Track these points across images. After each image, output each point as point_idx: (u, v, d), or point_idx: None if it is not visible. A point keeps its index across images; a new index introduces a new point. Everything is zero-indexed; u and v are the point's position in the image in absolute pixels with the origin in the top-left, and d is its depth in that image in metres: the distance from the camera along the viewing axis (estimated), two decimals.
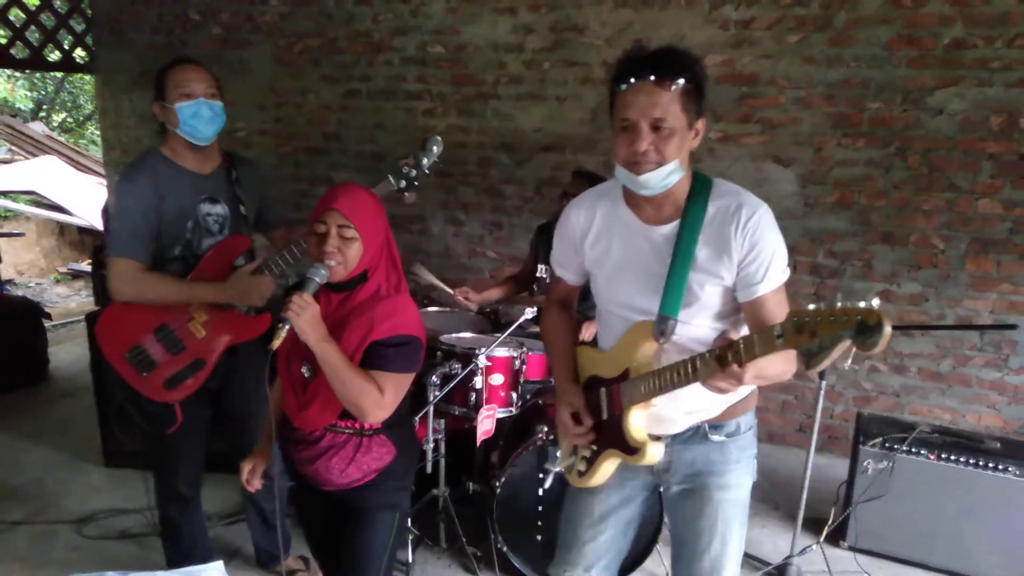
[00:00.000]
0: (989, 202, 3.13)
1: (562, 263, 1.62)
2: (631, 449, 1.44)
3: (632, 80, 1.30)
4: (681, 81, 1.29)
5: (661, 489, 1.62)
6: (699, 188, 1.40)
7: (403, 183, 1.96)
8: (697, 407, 1.45)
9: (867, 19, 3.13)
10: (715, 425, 1.48)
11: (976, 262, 3.19)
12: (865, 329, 0.95)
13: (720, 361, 1.17)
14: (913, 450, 2.56)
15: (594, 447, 1.53)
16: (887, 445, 2.59)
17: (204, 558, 2.20)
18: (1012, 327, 2.81)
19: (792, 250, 3.40)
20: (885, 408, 3.41)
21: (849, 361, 2.76)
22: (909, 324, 3.28)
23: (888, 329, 0.94)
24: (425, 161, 1.95)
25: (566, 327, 1.67)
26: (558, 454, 1.70)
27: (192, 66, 1.96)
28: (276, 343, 1.43)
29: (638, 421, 1.43)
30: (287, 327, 1.43)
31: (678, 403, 1.43)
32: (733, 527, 1.51)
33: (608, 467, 1.52)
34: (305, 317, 1.43)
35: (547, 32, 3.63)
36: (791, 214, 3.39)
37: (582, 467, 1.57)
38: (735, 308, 1.41)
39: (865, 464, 2.61)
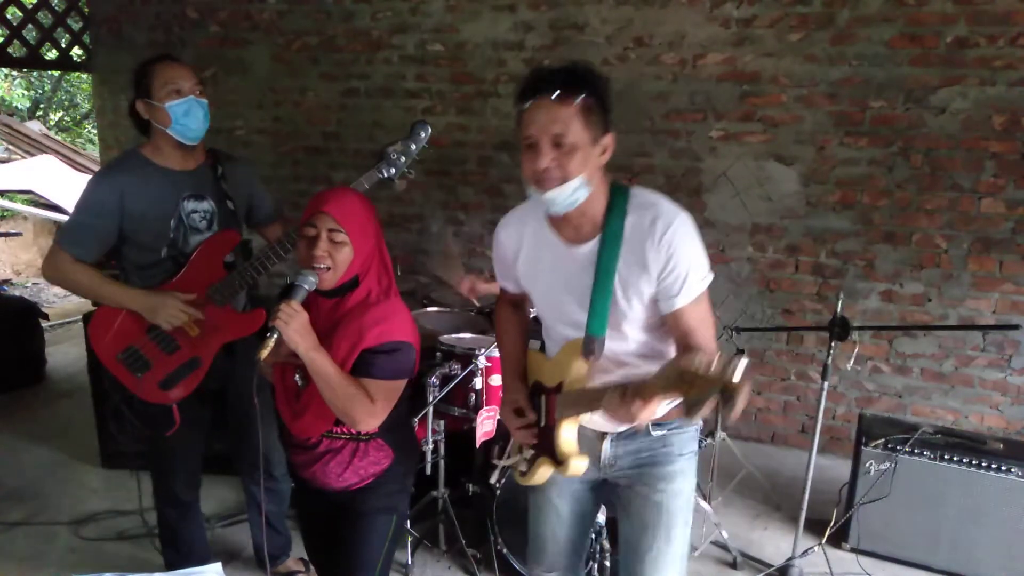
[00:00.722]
0: (992, 202, 3.12)
1: (503, 276, 1.65)
2: (558, 460, 1.49)
3: (534, 97, 1.30)
4: (582, 96, 1.28)
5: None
6: (616, 203, 1.39)
7: (392, 170, 1.93)
8: None
9: (869, 17, 3.12)
10: (657, 423, 1.51)
11: (979, 262, 3.17)
12: (726, 395, 1.02)
13: (621, 398, 1.21)
14: (915, 451, 2.54)
15: (532, 451, 1.58)
16: (889, 446, 2.57)
17: (202, 560, 2.19)
18: (1015, 327, 2.80)
19: (794, 249, 3.43)
20: (887, 409, 3.40)
21: (852, 361, 2.72)
22: (912, 324, 3.27)
23: (739, 407, 1.02)
24: (413, 147, 1.93)
25: (516, 326, 1.69)
26: (508, 450, 1.74)
27: (178, 63, 1.94)
28: (264, 353, 1.40)
29: (568, 434, 1.48)
30: (275, 336, 1.41)
31: None
32: (678, 522, 1.53)
33: (544, 472, 1.56)
34: (294, 326, 1.40)
35: (547, 30, 3.61)
36: (793, 213, 3.38)
37: (523, 467, 1.61)
38: (663, 318, 1.43)
39: (867, 465, 2.60)
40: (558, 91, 1.27)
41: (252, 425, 2.16)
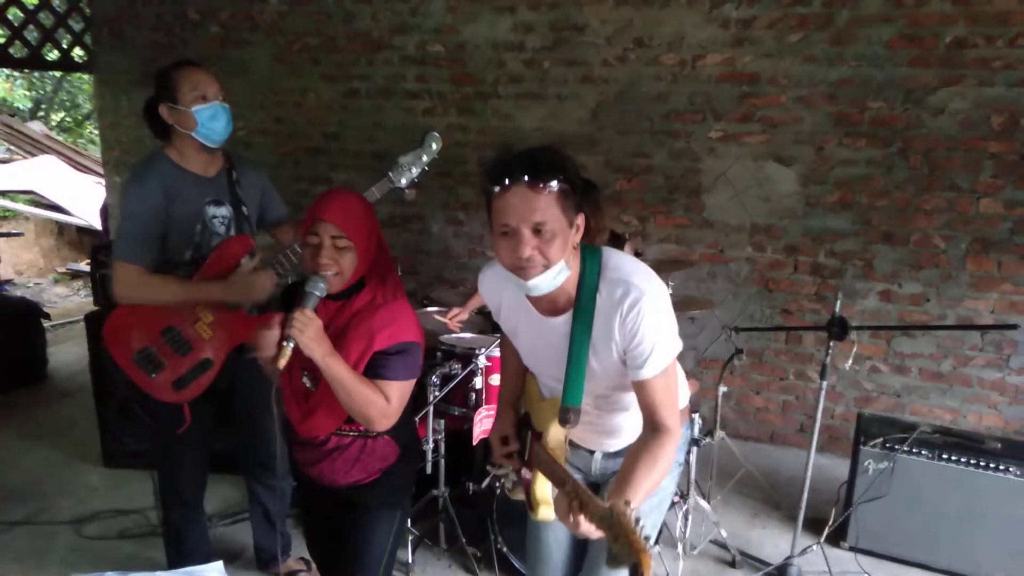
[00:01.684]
0: (990, 202, 3.12)
1: (496, 316, 1.64)
2: (530, 501, 1.52)
3: (506, 182, 1.27)
4: (555, 183, 1.26)
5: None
6: (588, 274, 1.38)
7: (403, 180, 1.95)
8: (633, 437, 1.52)
9: (868, 18, 3.12)
10: None
11: (977, 262, 3.18)
12: (634, 572, 1.01)
13: (568, 507, 1.20)
14: (914, 450, 2.55)
15: (515, 477, 1.63)
16: (888, 445, 2.58)
17: (204, 559, 2.20)
18: (1013, 327, 2.80)
19: (793, 250, 3.44)
20: (886, 408, 3.40)
21: (850, 361, 2.72)
22: (910, 324, 3.28)
23: None
24: (424, 157, 1.95)
25: (516, 357, 1.67)
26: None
27: (202, 68, 1.97)
28: (282, 362, 1.40)
29: (543, 483, 1.50)
30: (292, 345, 1.41)
31: (616, 437, 1.55)
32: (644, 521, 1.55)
33: (523, 496, 1.60)
34: (309, 334, 1.41)
35: (547, 31, 3.62)
36: (792, 213, 3.39)
37: (509, 484, 1.68)
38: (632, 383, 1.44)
39: (866, 464, 2.61)
40: (532, 177, 1.25)
41: (260, 425, 2.20)
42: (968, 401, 3.31)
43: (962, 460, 2.49)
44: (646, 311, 1.33)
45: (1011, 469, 2.44)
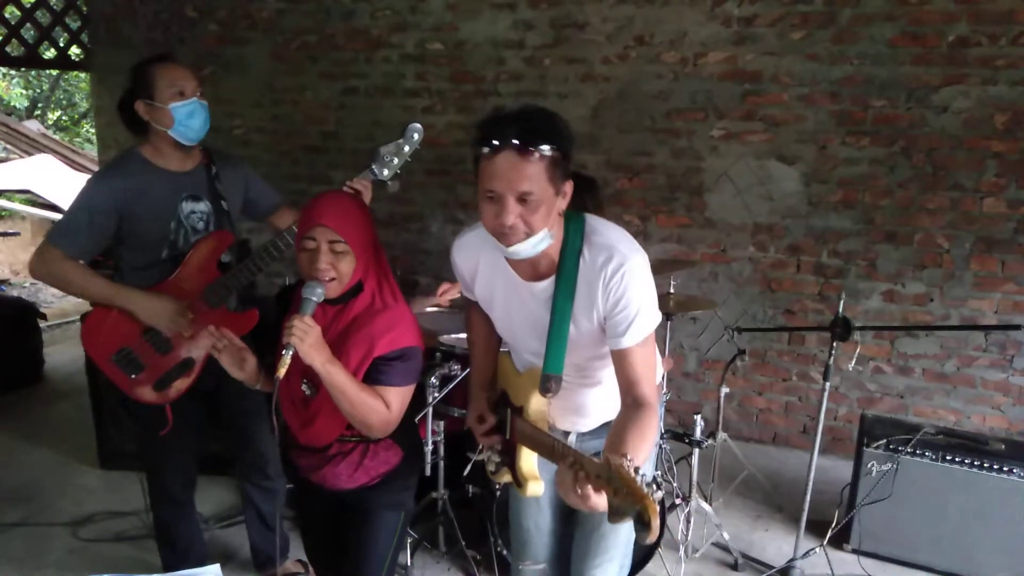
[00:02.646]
0: (994, 201, 3.10)
1: (465, 289, 1.62)
2: (517, 480, 1.51)
3: (495, 143, 1.23)
4: (546, 148, 1.22)
5: None
6: (571, 239, 1.36)
7: (385, 171, 1.92)
8: (604, 416, 1.53)
9: (871, 16, 3.11)
10: None
11: (981, 262, 3.16)
12: (640, 520, 0.99)
13: (574, 480, 1.13)
14: (917, 452, 2.53)
15: (496, 459, 1.61)
16: (891, 447, 2.56)
17: (199, 561, 2.19)
18: (1017, 327, 2.78)
19: (796, 249, 3.42)
20: (889, 409, 3.39)
21: (853, 362, 2.71)
22: (913, 324, 3.26)
23: (655, 529, 0.99)
24: (407, 148, 1.92)
25: (484, 335, 1.66)
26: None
27: (180, 64, 1.94)
28: (282, 371, 1.37)
29: (527, 459, 1.49)
30: (291, 353, 1.37)
31: (587, 416, 1.55)
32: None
33: (509, 477, 1.58)
34: (309, 342, 1.38)
35: (547, 28, 3.60)
36: (795, 213, 3.37)
37: (492, 467, 1.65)
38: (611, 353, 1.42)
39: (869, 466, 2.59)
40: (522, 142, 1.21)
41: (250, 427, 2.18)
42: (972, 402, 3.29)
43: (966, 462, 2.48)
44: (630, 276, 1.32)
45: (1015, 471, 2.43)
